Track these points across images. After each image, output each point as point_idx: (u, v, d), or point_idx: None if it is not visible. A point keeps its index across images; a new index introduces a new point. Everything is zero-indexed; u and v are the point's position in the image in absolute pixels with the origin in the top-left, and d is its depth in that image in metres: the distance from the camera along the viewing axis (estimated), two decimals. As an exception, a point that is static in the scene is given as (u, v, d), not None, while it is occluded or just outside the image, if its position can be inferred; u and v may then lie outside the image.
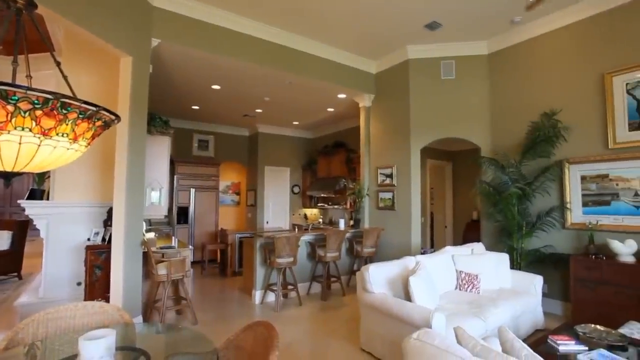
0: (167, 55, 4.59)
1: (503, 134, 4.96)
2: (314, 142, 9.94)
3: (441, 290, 3.60)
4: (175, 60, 4.79)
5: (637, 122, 3.74)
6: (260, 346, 1.67)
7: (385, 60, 5.83)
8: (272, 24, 4.76)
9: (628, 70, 3.80)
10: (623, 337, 2.38)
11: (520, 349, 1.58)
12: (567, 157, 4.23)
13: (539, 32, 4.58)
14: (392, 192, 5.63)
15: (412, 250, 5.24)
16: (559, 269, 4.19)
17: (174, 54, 4.56)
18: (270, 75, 5.34)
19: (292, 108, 7.40)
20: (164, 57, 4.61)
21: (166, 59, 4.69)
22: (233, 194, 9.96)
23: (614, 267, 3.52)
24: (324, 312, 4.42)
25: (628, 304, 3.39)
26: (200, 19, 4.36)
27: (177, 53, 4.52)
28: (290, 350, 3.24)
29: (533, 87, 4.65)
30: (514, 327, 3.22)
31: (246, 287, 5.27)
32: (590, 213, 4.04)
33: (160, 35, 4.10)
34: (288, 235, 4.61)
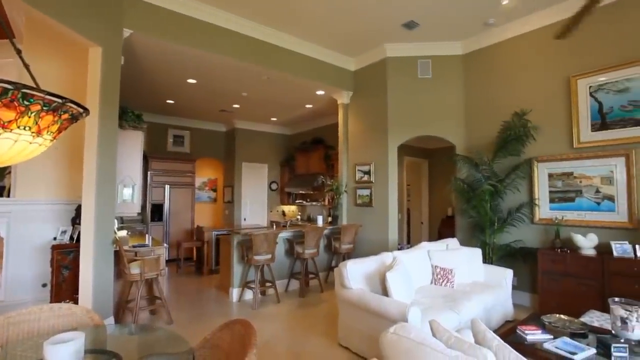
0: (140, 47, 4.42)
1: (477, 133, 5.11)
2: (292, 139, 9.89)
3: (417, 284, 3.68)
4: (149, 53, 4.62)
5: (599, 123, 3.96)
6: (238, 344, 1.64)
7: (363, 58, 5.86)
8: (250, 18, 4.68)
9: (591, 74, 4.01)
10: (584, 325, 2.53)
11: (491, 340, 1.64)
12: (536, 156, 4.42)
13: (510, 34, 4.74)
14: (370, 188, 5.70)
15: (389, 246, 5.33)
16: (528, 263, 4.39)
17: (148, 46, 4.40)
18: (248, 70, 5.26)
19: (270, 104, 7.33)
20: (136, 48, 4.43)
21: (139, 50, 4.51)
22: (210, 190, 9.76)
23: (577, 259, 3.73)
24: (302, 308, 4.42)
25: (589, 294, 3.60)
26: (175, 10, 4.22)
27: (150, 45, 4.36)
28: (269, 348, 3.22)
29: (505, 88, 4.82)
30: (486, 318, 3.35)
31: (223, 285, 5.19)
32: (557, 209, 4.25)
33: (133, 26, 3.94)
34: (266, 232, 4.57)
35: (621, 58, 3.81)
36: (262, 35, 4.96)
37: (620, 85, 3.82)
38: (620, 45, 3.83)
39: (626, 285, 3.38)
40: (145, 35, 4.07)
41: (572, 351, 2.12)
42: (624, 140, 3.77)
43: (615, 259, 3.50)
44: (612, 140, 3.85)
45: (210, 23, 4.50)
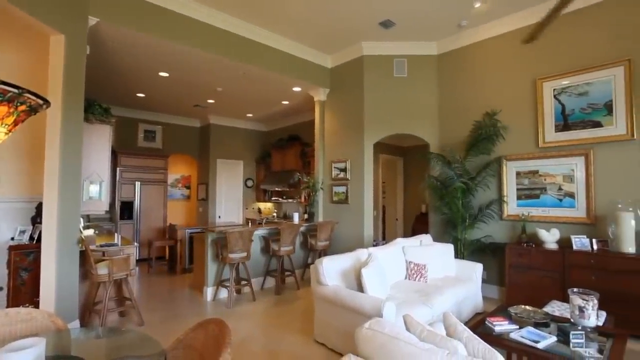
0: (108, 37, 4.21)
1: (450, 131, 5.25)
2: (269, 135, 9.79)
3: (392, 280, 3.75)
4: (117, 43, 4.41)
5: (562, 124, 4.18)
6: (212, 344, 1.61)
7: (340, 55, 5.88)
8: (225, 11, 4.57)
9: (555, 78, 4.22)
10: (547, 315, 2.67)
11: (462, 332, 1.70)
12: (505, 155, 4.61)
13: (482, 37, 4.90)
14: (346, 186, 5.74)
15: (364, 242, 5.39)
16: (496, 257, 4.57)
17: (116, 36, 4.20)
18: (223, 65, 5.14)
19: (246, 100, 7.21)
20: (104, 38, 4.22)
21: (107, 40, 4.30)
22: (183, 187, 9.50)
23: (541, 253, 3.93)
24: (278, 306, 4.40)
25: (551, 285, 3.81)
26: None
27: (119, 35, 4.16)
28: (244, 346, 3.18)
29: (477, 88, 4.98)
30: (457, 311, 3.46)
31: (197, 284, 5.08)
32: (523, 205, 4.45)
33: (99, 14, 3.75)
34: (241, 230, 4.50)
35: (582, 64, 4.03)
36: (237, 29, 4.86)
37: (580, 89, 4.04)
38: (581, 52, 4.05)
39: (584, 277, 3.60)
40: (112, 24, 3.88)
41: (536, 340, 2.23)
42: (584, 141, 3.99)
43: (575, 252, 3.72)
44: (573, 140, 4.07)
45: (182, 14, 4.36)
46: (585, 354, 2.09)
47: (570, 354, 2.10)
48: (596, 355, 2.08)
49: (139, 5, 4.02)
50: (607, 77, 3.86)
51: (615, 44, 3.83)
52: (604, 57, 3.89)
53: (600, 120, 3.91)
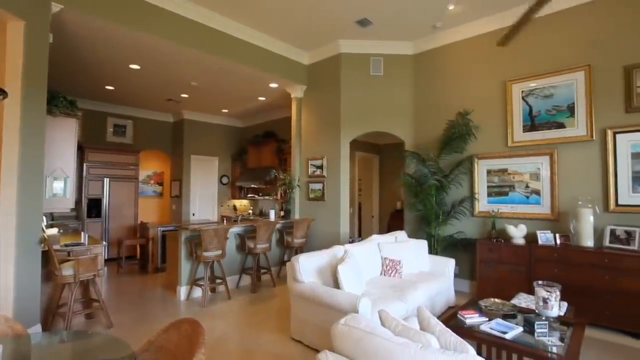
0: (74, 25, 3.99)
1: (425, 130, 5.37)
2: (244, 131, 9.65)
3: (368, 276, 3.80)
4: (83, 32, 4.18)
5: (529, 124, 4.37)
6: (185, 345, 1.57)
7: (317, 53, 5.86)
8: (200, 3, 4.43)
9: (523, 80, 4.40)
10: (514, 307, 2.80)
11: (435, 325, 1.74)
12: (477, 153, 4.76)
13: (456, 38, 5.03)
14: (322, 183, 5.75)
15: (341, 239, 5.43)
16: (468, 252, 4.73)
17: (82, 24, 3.98)
18: (198, 59, 5.00)
19: (221, 95, 7.06)
20: (69, 26, 4.00)
21: (72, 29, 4.07)
22: (155, 184, 9.20)
23: (509, 248, 4.10)
24: (254, 304, 4.36)
25: (519, 279, 3.99)
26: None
27: (85, 23, 3.95)
28: (219, 346, 3.13)
29: (450, 88, 5.11)
30: (430, 306, 3.55)
31: (170, 283, 4.94)
32: (493, 202, 4.62)
33: (63, 0, 3.53)
34: (216, 228, 4.42)
35: (547, 67, 4.23)
36: (212, 23, 4.74)
37: (546, 92, 4.24)
38: (546, 56, 4.25)
39: (548, 270, 3.79)
40: (77, 12, 3.67)
41: (504, 331, 2.33)
42: (549, 141, 4.20)
43: (540, 247, 3.91)
44: (539, 140, 4.27)
45: (153, 4, 4.20)
46: (548, 342, 2.21)
47: (535, 343, 2.22)
48: (558, 343, 2.20)
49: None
50: (570, 81, 4.07)
51: (577, 50, 4.04)
52: (567, 62, 4.10)
53: (563, 122, 4.11)
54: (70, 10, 3.61)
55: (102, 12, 3.81)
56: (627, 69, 3.72)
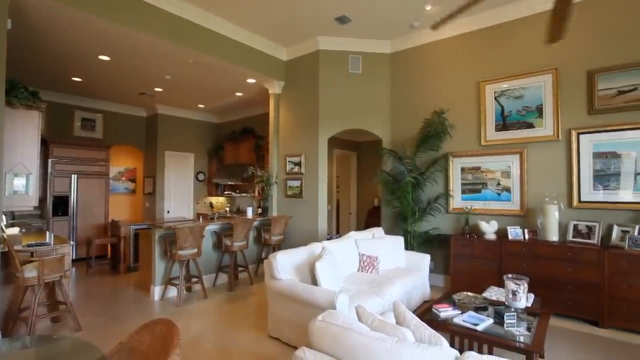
0: (35, 11, 3.76)
1: (402, 128, 5.46)
2: (221, 127, 9.46)
3: (345, 272, 3.83)
4: (46, 18, 3.95)
5: (501, 124, 4.53)
6: (159, 346, 1.53)
7: (296, 49, 5.82)
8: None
9: (496, 81, 4.56)
10: (485, 299, 2.90)
11: (410, 319, 1.78)
12: (452, 151, 4.89)
13: (432, 38, 5.13)
14: (300, 180, 5.73)
15: (319, 236, 5.44)
16: (443, 248, 4.86)
17: (46, 10, 3.76)
18: (172, 52, 4.84)
19: (197, 90, 6.88)
20: (30, 12, 3.76)
21: (33, 15, 3.84)
22: (127, 181, 8.88)
23: (482, 243, 4.25)
24: (231, 302, 4.30)
25: (490, 273, 4.14)
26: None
27: (50, 9, 3.73)
28: (195, 346, 3.06)
29: (427, 87, 5.21)
30: (406, 300, 3.63)
31: (143, 283, 4.79)
32: (467, 199, 4.77)
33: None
34: (192, 225, 4.31)
35: (518, 69, 4.40)
36: (188, 15, 4.59)
37: (517, 93, 4.40)
38: (518, 59, 4.41)
39: (517, 263, 3.96)
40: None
41: (475, 323, 2.41)
42: (519, 140, 4.37)
43: (510, 242, 4.07)
44: (510, 139, 4.43)
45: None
46: (516, 332, 2.31)
47: (504, 333, 2.31)
48: (525, 333, 2.31)
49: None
50: (539, 83, 4.25)
51: (545, 54, 4.21)
52: (536, 64, 4.27)
53: (532, 122, 4.29)
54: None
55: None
56: (589, 73, 3.93)
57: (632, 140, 3.70)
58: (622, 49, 3.77)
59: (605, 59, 3.85)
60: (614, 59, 3.81)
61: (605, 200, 3.82)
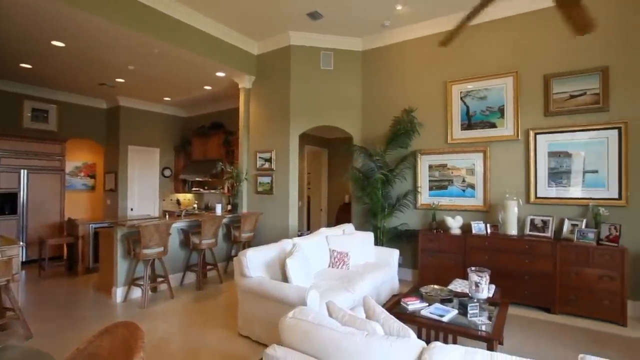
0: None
1: (372, 125, 5.53)
2: (189, 122, 9.15)
3: (316, 268, 3.84)
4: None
5: (466, 123, 4.71)
6: (121, 350, 1.45)
7: (267, 43, 5.72)
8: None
9: (462, 82, 4.73)
10: (450, 291, 3.02)
11: (379, 313, 1.81)
12: (420, 149, 5.03)
13: (402, 38, 5.23)
14: (271, 176, 5.67)
15: (289, 233, 5.42)
16: (411, 243, 5.00)
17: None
18: (135, 41, 4.59)
19: (163, 82, 6.60)
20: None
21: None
22: (86, 177, 8.38)
23: (447, 238, 4.41)
24: (200, 302, 4.18)
25: (455, 266, 4.31)
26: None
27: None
28: (161, 348, 2.95)
29: (397, 86, 5.31)
30: (376, 295, 3.70)
31: (104, 285, 4.54)
32: (434, 195, 4.93)
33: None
34: (157, 223, 4.14)
35: (482, 71, 4.59)
36: (153, 2, 4.36)
37: (481, 94, 4.60)
38: (482, 61, 4.60)
39: (480, 257, 4.15)
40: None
41: (441, 314, 2.51)
42: (483, 139, 4.57)
43: (474, 236, 4.26)
44: (475, 138, 4.63)
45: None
46: (478, 322, 2.42)
47: (468, 323, 2.42)
48: (486, 322, 2.43)
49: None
50: (501, 85, 4.46)
51: (507, 58, 4.43)
52: (498, 67, 4.48)
53: (495, 122, 4.50)
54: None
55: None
56: (546, 77, 4.17)
57: (581, 141, 3.98)
58: (573, 56, 4.04)
59: (560, 65, 4.11)
60: (566, 65, 4.07)
61: (558, 196, 4.09)
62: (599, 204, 3.82)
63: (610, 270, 3.48)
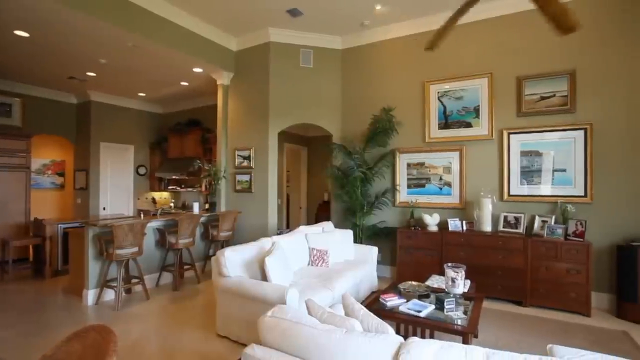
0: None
1: (351, 124, 5.56)
2: (165, 118, 8.90)
3: (295, 267, 3.83)
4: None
5: (443, 122, 4.81)
6: (91, 355, 1.39)
7: (246, 39, 5.64)
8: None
9: (439, 82, 4.83)
10: (428, 287, 3.08)
11: (358, 310, 1.82)
12: (398, 147, 5.10)
13: (381, 37, 5.28)
14: (250, 174, 5.60)
15: (269, 231, 5.38)
16: (389, 240, 5.07)
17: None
18: (107, 33, 4.40)
19: (137, 76, 6.38)
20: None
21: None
22: (54, 175, 7.99)
23: (425, 235, 4.50)
24: (177, 303, 4.08)
25: (432, 262, 4.41)
26: None
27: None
28: (136, 351, 2.86)
29: (376, 85, 5.36)
30: (355, 292, 3.73)
31: (74, 287, 4.36)
32: (412, 193, 5.02)
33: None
34: (132, 222, 4.01)
35: (459, 72, 4.70)
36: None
37: (458, 94, 4.71)
38: (459, 62, 4.72)
39: (456, 253, 4.26)
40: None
41: (419, 310, 2.55)
42: (459, 138, 4.69)
43: (450, 233, 4.36)
44: (451, 137, 4.74)
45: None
46: (454, 316, 2.49)
47: (444, 318, 2.48)
48: (462, 316, 2.50)
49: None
50: (476, 86, 4.58)
51: (482, 59, 4.56)
52: (474, 69, 4.60)
53: (471, 122, 4.62)
54: None
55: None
56: (518, 79, 4.33)
57: (551, 141, 4.15)
58: (544, 59, 4.20)
59: (531, 67, 4.27)
60: (538, 68, 4.24)
61: (529, 193, 4.26)
62: (566, 201, 4.01)
63: (577, 264, 3.66)
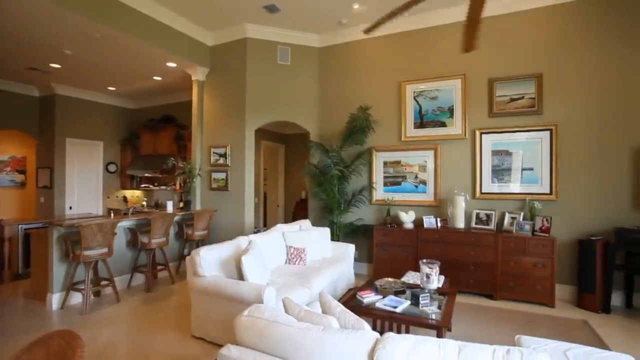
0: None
1: (329, 122, 5.57)
2: (137, 114, 8.58)
3: (272, 265, 3.80)
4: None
5: (419, 122, 4.91)
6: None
7: (222, 34, 5.52)
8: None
9: (415, 82, 4.92)
10: (404, 283, 3.14)
11: (335, 307, 1.83)
12: (375, 146, 5.16)
13: (359, 37, 5.30)
14: (226, 172, 5.51)
15: (245, 230, 5.31)
16: (366, 238, 5.13)
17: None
18: (73, 23, 4.18)
19: (106, 69, 6.10)
20: None
21: None
22: (14, 172, 7.54)
23: (401, 232, 4.58)
24: (149, 304, 3.95)
25: (408, 259, 4.50)
26: None
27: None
28: (105, 356, 2.74)
29: (353, 83, 5.39)
30: (332, 289, 3.74)
31: (37, 291, 4.12)
32: (389, 191, 5.09)
33: None
34: (100, 222, 3.84)
35: (434, 73, 4.81)
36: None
37: (433, 94, 4.82)
38: (433, 63, 4.82)
39: (431, 249, 4.37)
40: None
41: (395, 306, 2.60)
42: (434, 137, 4.80)
43: (425, 230, 4.46)
44: (427, 136, 4.84)
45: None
46: (429, 311, 2.55)
47: (419, 313, 2.53)
48: (436, 311, 2.56)
49: None
50: (450, 87, 4.71)
51: (456, 61, 4.68)
52: (448, 69, 4.72)
53: (445, 121, 4.74)
54: None
55: None
56: (490, 81, 4.48)
57: (520, 141, 4.33)
58: (514, 62, 4.37)
59: (502, 70, 4.43)
60: (507, 70, 4.40)
61: (500, 191, 4.43)
62: (534, 199, 4.19)
63: (543, 258, 3.84)
